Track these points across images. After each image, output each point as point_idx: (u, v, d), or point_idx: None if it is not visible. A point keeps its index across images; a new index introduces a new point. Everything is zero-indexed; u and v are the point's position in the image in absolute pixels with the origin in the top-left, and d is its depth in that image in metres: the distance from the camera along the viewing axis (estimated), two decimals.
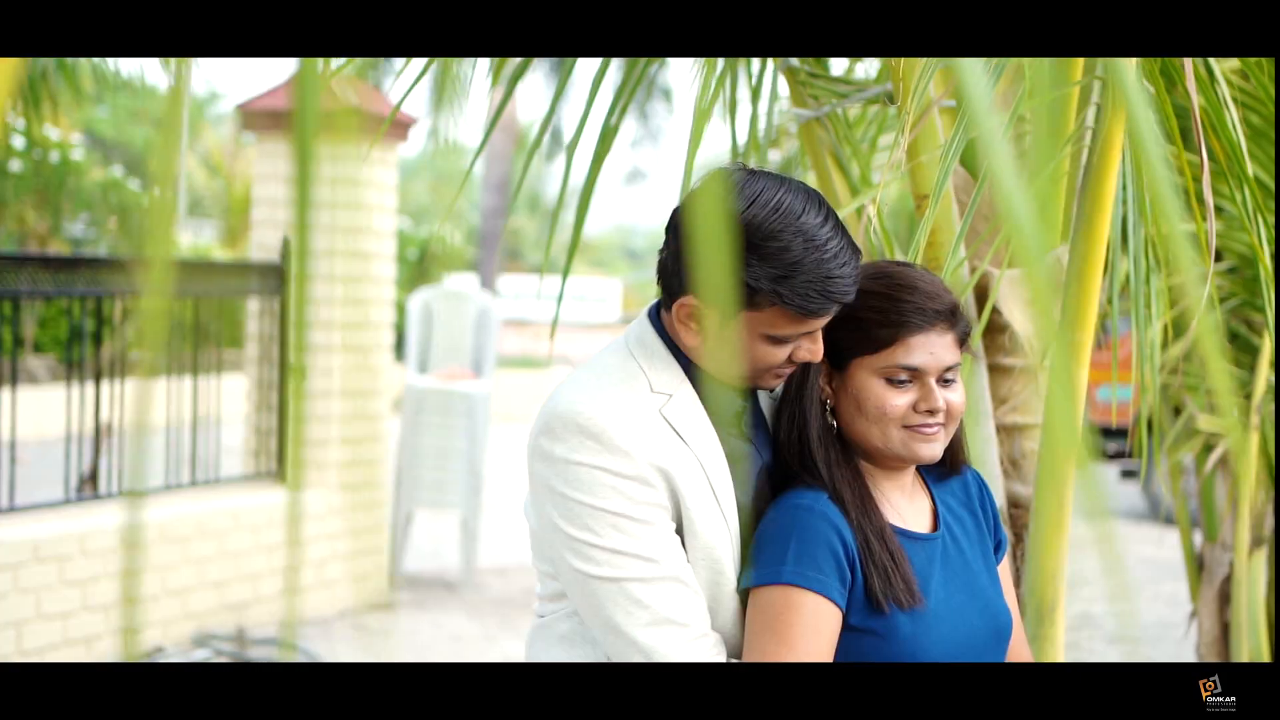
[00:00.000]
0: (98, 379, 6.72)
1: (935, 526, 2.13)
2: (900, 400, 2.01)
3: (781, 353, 1.96)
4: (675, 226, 1.99)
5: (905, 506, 2.10)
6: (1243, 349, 4.48)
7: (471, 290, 9.11)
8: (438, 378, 8.61)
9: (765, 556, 1.98)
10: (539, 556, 2.05)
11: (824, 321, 1.96)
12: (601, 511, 1.92)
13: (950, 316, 2.03)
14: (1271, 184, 3.61)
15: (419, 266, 21.07)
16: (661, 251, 2.01)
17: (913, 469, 2.14)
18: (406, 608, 7.94)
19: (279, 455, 7.64)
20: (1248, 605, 4.49)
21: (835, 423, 2.06)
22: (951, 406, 2.03)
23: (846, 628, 1.98)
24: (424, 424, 8.43)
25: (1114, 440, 11.59)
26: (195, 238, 23.13)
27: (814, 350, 1.97)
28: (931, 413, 2.01)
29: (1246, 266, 4.29)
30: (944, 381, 2.03)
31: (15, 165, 13.57)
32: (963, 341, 2.06)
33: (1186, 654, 6.19)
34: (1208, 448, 4.50)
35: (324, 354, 7.64)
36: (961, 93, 2.47)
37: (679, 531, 1.98)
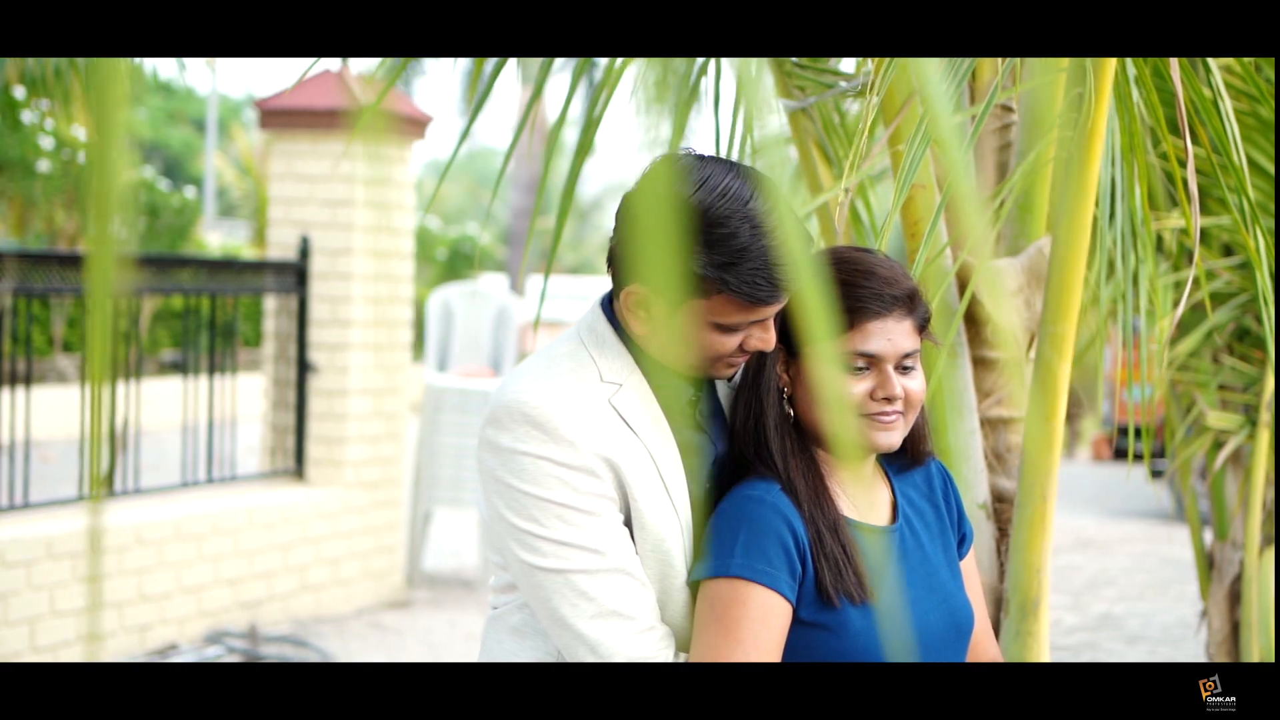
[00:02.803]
0: (114, 378, 6.75)
1: (894, 519, 2.09)
2: (857, 388, 1.97)
3: (732, 341, 1.92)
4: (623, 214, 1.96)
5: (862, 498, 2.06)
6: (1253, 345, 4.41)
7: (491, 289, 9.10)
8: (457, 376, 8.61)
9: (715, 549, 1.94)
10: (491, 548, 2.02)
11: (774, 310, 1.91)
12: (546, 502, 1.89)
13: (909, 302, 1.98)
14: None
15: (448, 266, 21.08)
16: (611, 239, 1.98)
17: (873, 459, 2.09)
18: (423, 606, 7.93)
19: (296, 453, 7.65)
20: (1258, 604, 4.42)
21: (793, 411, 2.03)
22: (910, 394, 1.99)
23: (797, 622, 1.94)
24: (443, 422, 8.42)
25: (1141, 439, 11.52)
26: (227, 238, 23.26)
27: (765, 339, 1.93)
28: (889, 400, 1.97)
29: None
30: (902, 369, 1.99)
31: (44, 165, 13.65)
32: (922, 328, 2.02)
33: (1204, 654, 6.10)
34: (1217, 445, 4.43)
35: (342, 352, 7.64)
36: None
37: (628, 523, 1.95)
